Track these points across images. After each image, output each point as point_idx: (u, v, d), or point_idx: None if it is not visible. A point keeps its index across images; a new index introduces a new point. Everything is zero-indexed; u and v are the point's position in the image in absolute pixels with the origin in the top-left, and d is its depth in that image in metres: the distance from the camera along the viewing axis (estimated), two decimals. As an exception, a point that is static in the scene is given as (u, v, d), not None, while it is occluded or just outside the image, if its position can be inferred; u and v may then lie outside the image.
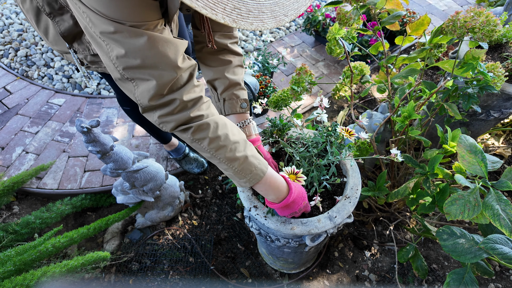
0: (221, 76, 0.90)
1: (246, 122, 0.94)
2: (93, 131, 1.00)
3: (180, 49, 0.65)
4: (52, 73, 2.26)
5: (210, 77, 0.92)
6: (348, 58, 1.12)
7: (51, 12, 0.82)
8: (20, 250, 1.11)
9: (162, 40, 0.60)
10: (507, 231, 0.73)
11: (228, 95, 0.92)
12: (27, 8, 0.86)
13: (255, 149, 0.79)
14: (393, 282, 1.41)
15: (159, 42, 0.60)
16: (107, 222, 1.33)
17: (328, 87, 2.24)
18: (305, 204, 0.85)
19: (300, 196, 0.82)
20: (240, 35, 2.58)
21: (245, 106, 0.93)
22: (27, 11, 0.88)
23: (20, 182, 1.54)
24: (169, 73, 0.63)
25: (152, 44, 0.59)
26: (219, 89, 0.92)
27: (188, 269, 1.46)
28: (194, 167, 1.77)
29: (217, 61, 0.90)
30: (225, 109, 0.93)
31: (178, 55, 0.64)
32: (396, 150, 0.83)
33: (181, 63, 0.65)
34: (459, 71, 0.98)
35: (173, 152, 1.75)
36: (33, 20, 0.88)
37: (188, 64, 0.67)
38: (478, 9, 0.82)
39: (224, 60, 0.90)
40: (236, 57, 0.92)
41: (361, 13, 0.99)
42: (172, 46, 0.62)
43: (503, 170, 1.17)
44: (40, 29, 0.91)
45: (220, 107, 0.95)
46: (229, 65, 0.91)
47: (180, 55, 0.65)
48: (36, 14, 0.87)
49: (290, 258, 1.25)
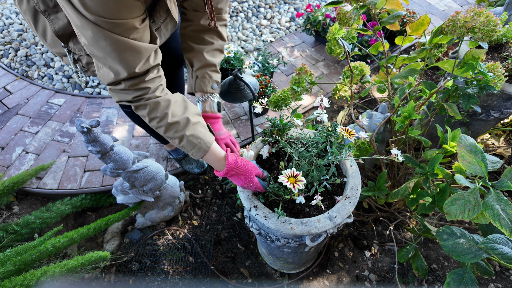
0: (199, 55, 0.96)
1: (205, 97, 1.00)
2: (93, 131, 1.00)
3: (143, 55, 0.72)
4: (52, 73, 2.26)
5: (189, 53, 0.98)
6: (348, 58, 1.12)
7: (46, 10, 0.82)
8: (20, 250, 1.11)
9: (124, 47, 0.67)
10: (507, 231, 0.73)
11: (201, 73, 0.98)
12: (25, 9, 0.86)
13: (204, 127, 0.89)
14: (393, 282, 1.41)
15: (121, 48, 0.67)
16: (107, 222, 1.33)
17: (328, 87, 2.24)
18: (255, 181, 0.91)
19: (244, 168, 0.90)
20: (240, 35, 2.58)
21: (215, 88, 1.00)
22: (24, 13, 0.88)
23: (20, 182, 1.54)
24: (126, 73, 0.73)
25: (114, 48, 0.67)
26: (195, 66, 0.98)
27: (188, 269, 1.46)
28: (194, 167, 1.77)
29: (200, 40, 0.96)
30: (196, 86, 1.00)
31: (138, 62, 0.72)
32: (396, 150, 0.83)
33: (140, 68, 0.73)
34: (459, 71, 0.98)
35: (173, 152, 1.75)
36: (31, 21, 0.88)
37: (148, 66, 0.76)
38: (478, 9, 0.82)
39: (207, 40, 0.96)
40: (219, 41, 0.99)
41: (361, 13, 0.99)
42: (133, 53, 0.70)
43: (503, 170, 1.17)
44: (38, 31, 0.91)
45: (192, 84, 1.01)
46: (210, 45, 0.97)
47: (140, 61, 0.72)
48: (33, 15, 0.87)
49: (290, 258, 1.25)
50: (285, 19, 2.78)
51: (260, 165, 1.04)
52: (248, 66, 2.01)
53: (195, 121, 0.87)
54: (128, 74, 0.73)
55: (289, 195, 0.89)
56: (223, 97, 1.27)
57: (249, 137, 1.93)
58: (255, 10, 2.85)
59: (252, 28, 2.69)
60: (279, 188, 0.89)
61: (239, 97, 1.25)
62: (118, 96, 0.82)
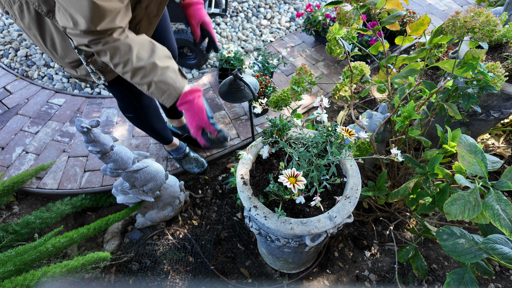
0: None
1: None
2: (93, 131, 1.00)
3: (108, 15, 0.73)
4: (52, 73, 2.26)
5: None
6: (348, 58, 1.12)
7: (50, 11, 0.82)
8: (20, 250, 1.11)
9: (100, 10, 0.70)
10: (507, 231, 0.73)
11: None
12: (27, 23, 0.86)
13: (174, 71, 0.87)
14: (393, 282, 1.41)
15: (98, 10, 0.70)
16: (107, 222, 1.33)
17: (328, 87, 2.24)
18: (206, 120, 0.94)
19: (198, 107, 0.91)
20: (240, 35, 2.58)
21: None
22: (28, 28, 0.88)
23: (20, 182, 1.54)
24: (84, 27, 0.73)
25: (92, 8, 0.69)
26: None
27: (188, 269, 1.46)
28: (194, 167, 1.77)
29: None
30: None
31: (101, 20, 0.72)
32: (396, 150, 0.83)
33: (102, 26, 0.74)
34: (459, 71, 0.98)
35: (174, 151, 1.75)
36: (37, 33, 0.88)
37: (111, 25, 0.75)
38: (478, 9, 0.82)
39: None
40: None
41: (361, 13, 0.99)
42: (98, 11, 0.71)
43: (503, 170, 1.17)
44: (47, 43, 0.91)
45: None
46: None
47: (104, 20, 0.73)
48: (38, 25, 0.86)
49: (290, 258, 1.25)
50: (285, 19, 2.78)
51: (260, 165, 1.04)
52: (248, 66, 2.01)
53: (163, 65, 0.84)
54: (86, 29, 0.73)
55: (289, 195, 0.89)
56: (223, 97, 1.27)
57: (249, 137, 1.93)
58: (255, 10, 2.85)
59: (252, 28, 2.69)
60: (279, 188, 0.89)
61: (239, 97, 1.25)
62: (76, 40, 0.79)
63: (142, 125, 1.43)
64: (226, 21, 2.71)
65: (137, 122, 1.42)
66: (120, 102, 1.31)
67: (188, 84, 0.92)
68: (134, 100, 1.27)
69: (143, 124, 1.42)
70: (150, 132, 1.51)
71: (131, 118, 1.39)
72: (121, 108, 1.35)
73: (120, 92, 1.22)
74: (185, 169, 1.79)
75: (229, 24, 2.70)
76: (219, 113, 2.06)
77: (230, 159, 1.89)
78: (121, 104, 1.33)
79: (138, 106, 1.31)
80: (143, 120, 1.39)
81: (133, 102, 1.28)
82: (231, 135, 1.95)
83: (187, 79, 0.93)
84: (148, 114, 1.37)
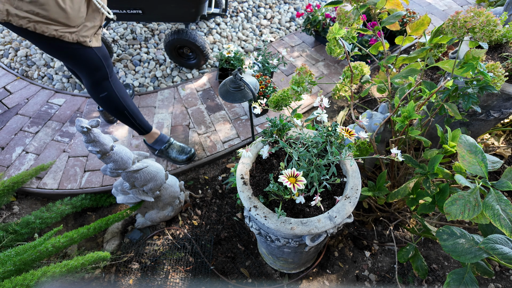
0: None
1: None
2: (93, 131, 1.00)
3: None
4: (52, 73, 2.26)
5: None
6: (348, 58, 1.12)
7: None
8: (20, 250, 1.11)
9: None
10: (507, 231, 0.73)
11: None
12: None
13: None
14: (393, 282, 1.41)
15: None
16: (107, 222, 1.33)
17: (328, 87, 2.24)
18: None
19: None
20: (240, 35, 2.58)
21: None
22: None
23: (20, 182, 1.54)
24: None
25: None
26: None
27: (188, 269, 1.46)
28: (180, 154, 1.72)
29: None
30: None
31: None
32: (396, 150, 0.83)
33: None
34: (459, 71, 0.98)
35: (157, 143, 1.70)
36: None
37: None
38: (478, 9, 0.82)
39: None
40: None
41: (361, 13, 0.99)
42: None
43: (503, 170, 1.17)
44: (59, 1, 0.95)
45: None
46: None
47: None
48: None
49: (290, 258, 1.25)
50: (285, 19, 2.78)
51: (260, 165, 1.04)
52: (248, 66, 2.01)
53: None
54: None
55: (289, 195, 0.89)
56: (223, 97, 1.27)
57: (249, 137, 1.93)
58: (255, 10, 2.85)
59: (252, 28, 2.69)
60: (279, 188, 0.89)
61: (239, 97, 1.25)
62: None
63: (119, 105, 1.31)
64: (226, 21, 2.71)
65: (112, 103, 1.29)
66: (92, 77, 1.19)
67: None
68: (106, 67, 1.18)
69: (119, 104, 1.30)
70: (127, 114, 1.39)
71: (105, 99, 1.27)
72: (92, 87, 1.23)
73: (95, 58, 1.13)
74: (172, 158, 1.73)
75: (229, 24, 2.70)
76: (219, 113, 2.06)
77: (230, 159, 1.89)
78: (92, 80, 1.21)
79: (111, 79, 1.21)
80: (118, 97, 1.27)
81: (106, 70, 1.18)
82: (231, 135, 1.95)
83: None
84: (120, 89, 1.28)
